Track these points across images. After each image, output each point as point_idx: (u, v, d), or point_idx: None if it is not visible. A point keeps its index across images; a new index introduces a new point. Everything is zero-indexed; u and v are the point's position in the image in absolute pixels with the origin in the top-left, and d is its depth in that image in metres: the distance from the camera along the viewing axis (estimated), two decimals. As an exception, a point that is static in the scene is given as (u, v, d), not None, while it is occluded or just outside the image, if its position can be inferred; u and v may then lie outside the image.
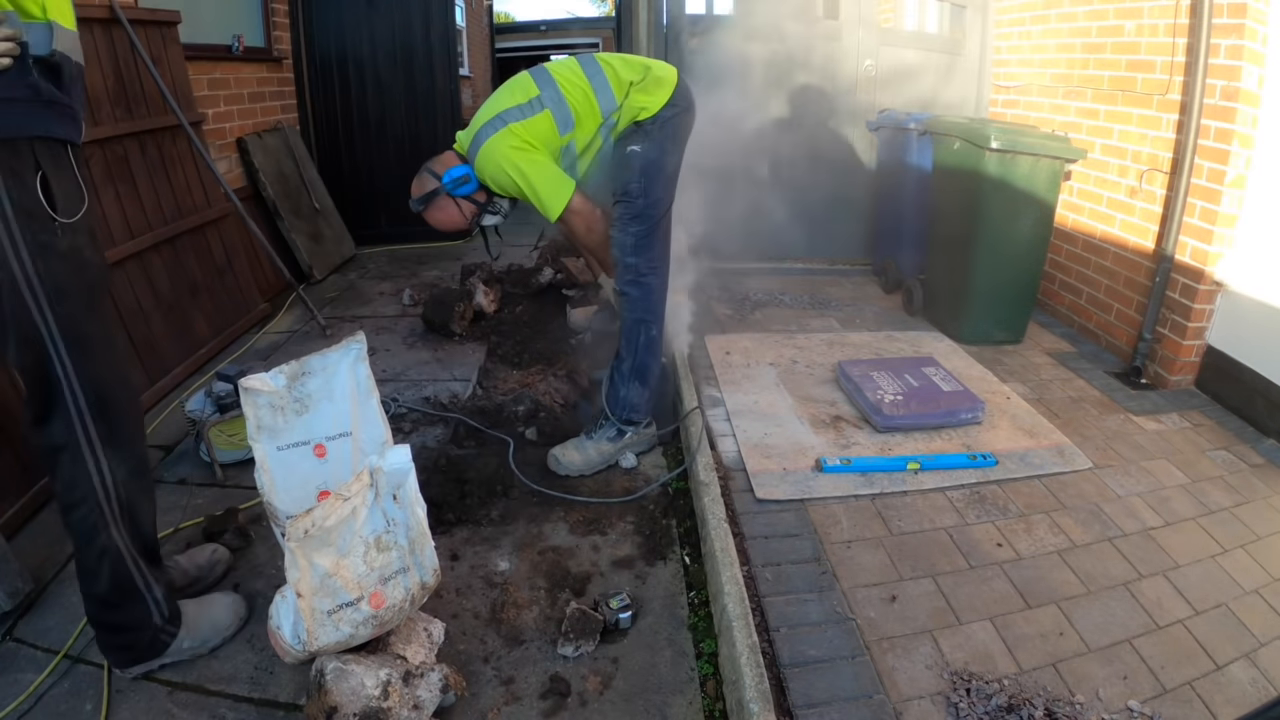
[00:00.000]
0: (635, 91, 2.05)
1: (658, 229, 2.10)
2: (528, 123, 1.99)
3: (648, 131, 2.06)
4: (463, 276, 3.68)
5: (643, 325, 2.15)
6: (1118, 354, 3.01)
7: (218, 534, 1.86)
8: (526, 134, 1.99)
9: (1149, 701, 1.39)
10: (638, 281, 2.11)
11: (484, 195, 2.16)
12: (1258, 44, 2.40)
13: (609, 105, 2.05)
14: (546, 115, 2.00)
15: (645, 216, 2.07)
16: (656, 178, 2.06)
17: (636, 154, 2.05)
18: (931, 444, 2.26)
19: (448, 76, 4.75)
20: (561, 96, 2.02)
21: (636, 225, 2.07)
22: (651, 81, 2.07)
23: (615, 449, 2.23)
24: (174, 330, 2.82)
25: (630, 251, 2.08)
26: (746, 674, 1.35)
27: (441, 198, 2.12)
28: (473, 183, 2.11)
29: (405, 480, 1.37)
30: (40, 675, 1.47)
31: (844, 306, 3.55)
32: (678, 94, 2.09)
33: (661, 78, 2.09)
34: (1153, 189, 2.84)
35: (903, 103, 4.00)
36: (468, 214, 2.17)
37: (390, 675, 1.30)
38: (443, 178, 2.10)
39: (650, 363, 2.19)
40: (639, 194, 2.05)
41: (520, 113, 2.00)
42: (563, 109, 2.02)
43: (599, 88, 2.05)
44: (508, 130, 1.99)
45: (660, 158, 2.06)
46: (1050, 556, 1.79)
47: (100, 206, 2.51)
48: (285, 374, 1.47)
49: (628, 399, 2.19)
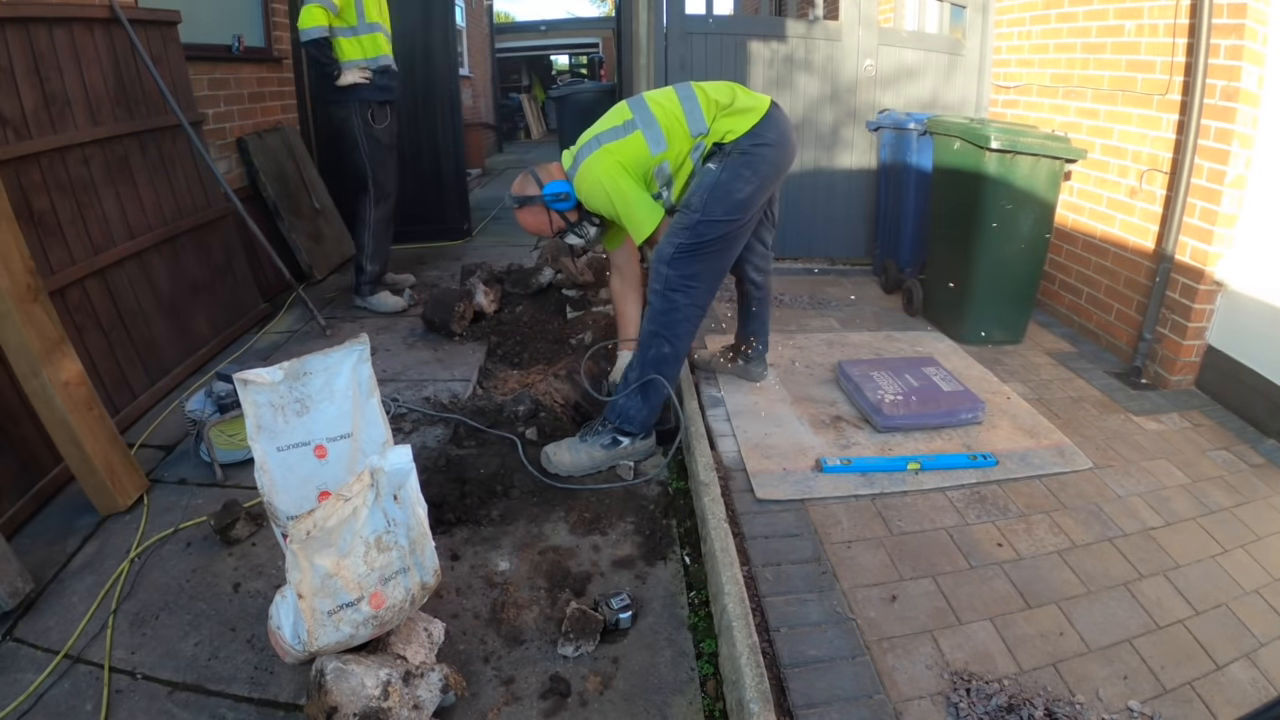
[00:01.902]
0: (722, 115, 2.11)
1: (704, 250, 2.07)
2: (622, 143, 2.11)
3: (727, 153, 2.08)
4: (463, 276, 3.68)
5: (658, 340, 2.12)
6: (1118, 354, 3.01)
7: (227, 528, 1.86)
8: (620, 154, 2.10)
9: (1149, 701, 1.39)
10: (665, 294, 2.09)
11: (576, 215, 2.29)
12: (1258, 44, 2.41)
13: (699, 127, 2.11)
14: (638, 136, 2.10)
15: (695, 231, 2.05)
16: (721, 199, 2.05)
17: (710, 171, 2.08)
18: (931, 444, 2.26)
19: (448, 76, 4.75)
20: (652, 117, 2.11)
21: (683, 236, 2.06)
22: (738, 108, 2.11)
23: (607, 456, 2.18)
24: (174, 330, 2.82)
25: (667, 260, 2.07)
26: (746, 674, 1.35)
27: (537, 205, 2.27)
28: (570, 201, 2.23)
29: (406, 480, 1.36)
30: (40, 675, 1.47)
31: (844, 306, 3.55)
32: (764, 125, 2.10)
33: (748, 106, 2.12)
34: (1153, 189, 2.84)
35: (903, 103, 4.00)
36: (555, 227, 2.33)
37: (390, 675, 1.30)
38: (544, 188, 2.24)
39: (656, 379, 2.14)
40: (697, 207, 2.05)
41: (614, 134, 2.13)
42: (653, 129, 2.10)
43: (690, 111, 2.12)
44: (604, 150, 2.11)
45: (731, 181, 2.05)
46: (1050, 556, 1.79)
47: (100, 206, 2.51)
48: (284, 371, 1.47)
49: (625, 409, 2.16)
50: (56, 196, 2.30)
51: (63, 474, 2.08)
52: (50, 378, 1.86)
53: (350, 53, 3.16)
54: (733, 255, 2.18)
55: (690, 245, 2.06)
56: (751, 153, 2.08)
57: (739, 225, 2.11)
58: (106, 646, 1.55)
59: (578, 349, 3.01)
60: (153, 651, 1.55)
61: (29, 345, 1.83)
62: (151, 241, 2.72)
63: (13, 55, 2.17)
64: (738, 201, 2.07)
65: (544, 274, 3.68)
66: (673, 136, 2.10)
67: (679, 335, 2.14)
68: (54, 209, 2.29)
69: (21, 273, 1.84)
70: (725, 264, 2.16)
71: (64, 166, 2.34)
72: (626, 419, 2.17)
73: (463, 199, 5.01)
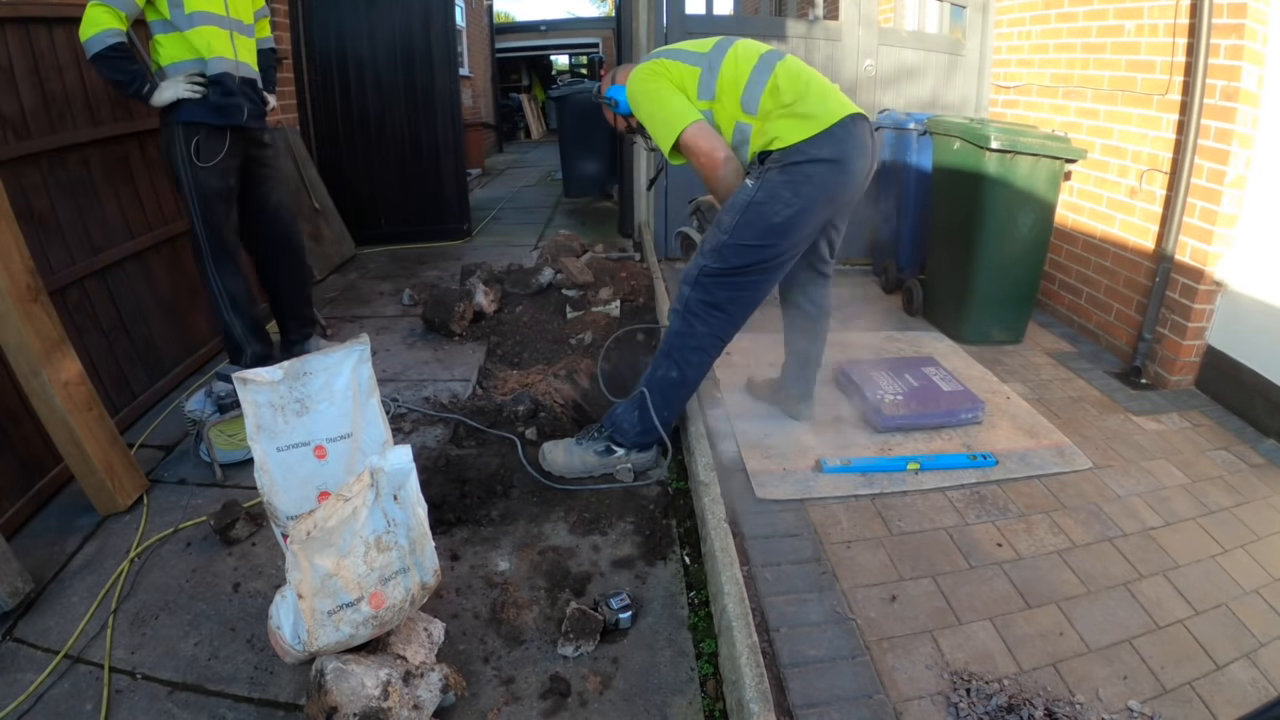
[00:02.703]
0: (779, 114, 1.84)
1: (731, 278, 1.90)
2: (678, 64, 1.93)
3: (767, 168, 1.84)
4: (463, 276, 3.68)
5: (667, 362, 2.01)
6: (1118, 354, 3.01)
7: (227, 528, 1.86)
8: (668, 72, 1.92)
9: (1149, 701, 1.39)
10: (683, 314, 1.94)
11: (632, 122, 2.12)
12: (1258, 44, 2.40)
13: (751, 106, 1.88)
14: (696, 72, 1.92)
15: (720, 255, 1.88)
16: (753, 222, 1.84)
17: (745, 188, 1.86)
18: (931, 444, 2.26)
19: (448, 76, 4.75)
20: (719, 66, 1.91)
21: (709, 259, 1.90)
22: (799, 110, 1.83)
23: (599, 463, 2.13)
24: (174, 330, 2.82)
25: (691, 281, 1.92)
26: (746, 674, 1.35)
27: (605, 104, 2.16)
28: (622, 106, 2.08)
29: (406, 481, 1.36)
30: (40, 675, 1.47)
31: (844, 306, 3.54)
32: (822, 140, 1.81)
33: (813, 113, 1.82)
34: (1153, 189, 2.84)
35: (903, 103, 4.00)
36: (622, 126, 2.20)
37: (390, 675, 1.30)
38: (606, 91, 2.14)
39: (656, 400, 2.04)
40: (727, 228, 1.87)
41: (680, 54, 1.96)
42: (712, 76, 1.91)
43: (754, 83, 1.88)
44: (656, 60, 1.96)
45: (767, 202, 1.82)
46: (1050, 556, 1.79)
47: (100, 206, 2.51)
48: (284, 370, 1.47)
49: (621, 420, 2.11)
50: (56, 196, 2.30)
51: (63, 474, 2.08)
52: (50, 378, 1.86)
53: (170, 54, 2.29)
54: (768, 287, 1.97)
55: (716, 271, 1.89)
56: (795, 170, 1.81)
57: (776, 253, 1.88)
58: (106, 646, 1.55)
59: (578, 349, 3.01)
60: (153, 651, 1.55)
61: (29, 345, 1.83)
62: (151, 241, 2.72)
63: (13, 55, 2.17)
64: (773, 226, 1.83)
65: (544, 274, 3.68)
66: (723, 94, 1.90)
67: (690, 364, 2.00)
68: (54, 209, 2.29)
69: (21, 273, 1.85)
70: (758, 296, 1.96)
71: (64, 166, 2.34)
72: (619, 430, 2.12)
73: (463, 199, 5.02)
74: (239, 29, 2.42)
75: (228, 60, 2.37)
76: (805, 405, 2.38)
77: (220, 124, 2.36)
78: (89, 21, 2.10)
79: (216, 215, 2.40)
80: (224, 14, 2.34)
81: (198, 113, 2.30)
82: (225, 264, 2.46)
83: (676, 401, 2.10)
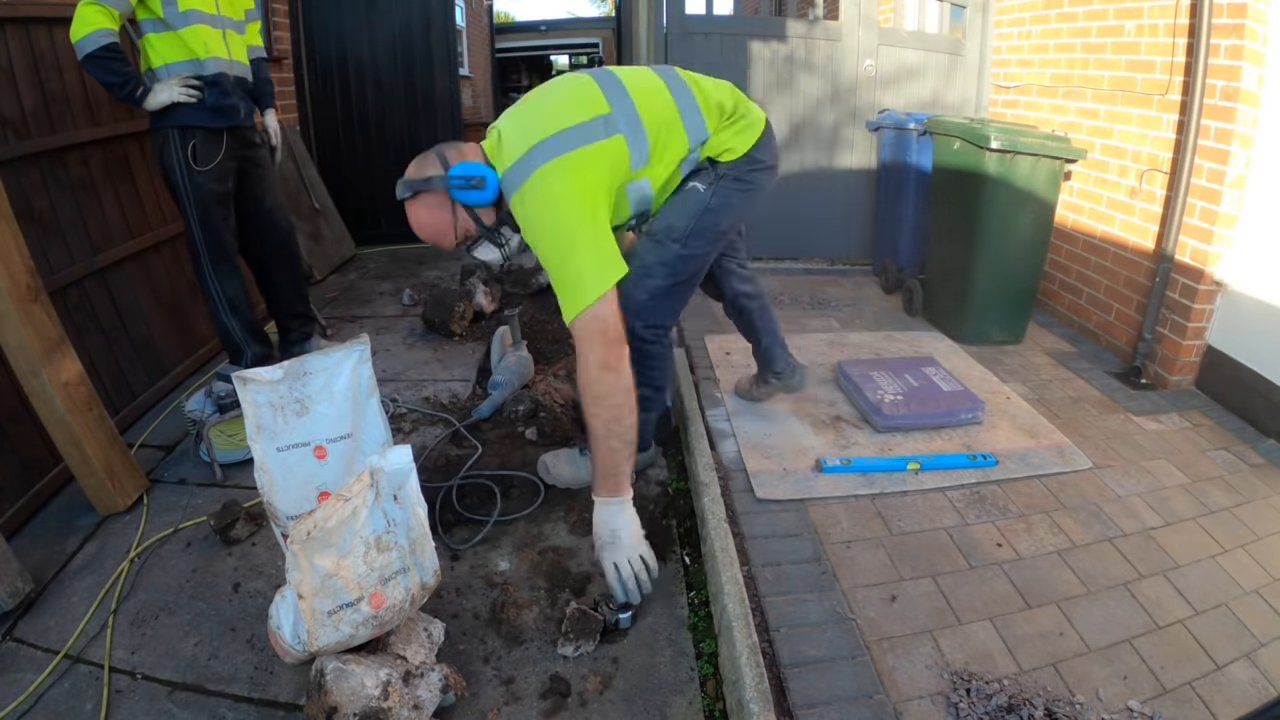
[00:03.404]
0: (725, 126, 1.68)
1: (678, 289, 1.76)
2: (597, 148, 1.51)
3: (720, 175, 1.69)
4: (463, 276, 3.68)
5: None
6: (1118, 354, 3.01)
7: (227, 528, 1.86)
8: (596, 167, 1.51)
9: (1149, 701, 1.39)
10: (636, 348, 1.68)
11: (493, 217, 1.64)
12: (1258, 44, 2.40)
13: (698, 135, 1.63)
14: (619, 141, 1.53)
15: (672, 269, 1.70)
16: (707, 229, 1.70)
17: (696, 193, 1.68)
18: (931, 444, 2.26)
19: (448, 77, 4.75)
20: (638, 121, 1.56)
21: (659, 276, 1.71)
22: (743, 120, 1.71)
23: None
24: (174, 330, 2.82)
25: (635, 311, 1.68)
26: (746, 674, 1.35)
27: (437, 194, 1.59)
28: (488, 191, 1.57)
29: (406, 481, 1.37)
30: (40, 675, 1.47)
31: (844, 306, 3.55)
32: (763, 145, 1.73)
33: (751, 120, 1.73)
34: (1153, 189, 2.84)
35: (903, 103, 4.00)
36: (460, 230, 1.63)
37: (390, 675, 1.30)
38: (451, 168, 1.57)
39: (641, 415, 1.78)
40: (679, 237, 1.67)
41: (587, 134, 1.51)
42: (638, 137, 1.56)
43: (686, 110, 1.62)
44: (570, 159, 1.48)
45: (720, 209, 1.69)
46: (1050, 556, 1.79)
47: (100, 206, 2.51)
48: (284, 370, 1.47)
49: None
50: (56, 196, 2.30)
51: (63, 474, 2.08)
52: (50, 378, 1.87)
53: (163, 54, 2.23)
54: (695, 286, 1.86)
55: (667, 288, 1.71)
56: (748, 179, 1.72)
57: (710, 258, 1.80)
58: (106, 646, 1.55)
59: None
60: (153, 651, 1.55)
61: (29, 345, 1.83)
62: (151, 241, 2.72)
63: (13, 55, 2.17)
64: (720, 232, 1.74)
65: (544, 274, 3.68)
66: (659, 149, 1.59)
67: (652, 380, 1.88)
68: (54, 209, 2.29)
69: (21, 273, 1.85)
70: (689, 296, 1.85)
71: (64, 166, 2.34)
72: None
73: (463, 199, 5.01)
74: (230, 26, 2.39)
75: (223, 60, 2.34)
76: (799, 375, 2.31)
77: (217, 126, 2.33)
78: (80, 21, 2.05)
79: (214, 219, 2.37)
80: (215, 12, 2.31)
81: (194, 116, 2.27)
82: (223, 267, 2.43)
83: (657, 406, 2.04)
